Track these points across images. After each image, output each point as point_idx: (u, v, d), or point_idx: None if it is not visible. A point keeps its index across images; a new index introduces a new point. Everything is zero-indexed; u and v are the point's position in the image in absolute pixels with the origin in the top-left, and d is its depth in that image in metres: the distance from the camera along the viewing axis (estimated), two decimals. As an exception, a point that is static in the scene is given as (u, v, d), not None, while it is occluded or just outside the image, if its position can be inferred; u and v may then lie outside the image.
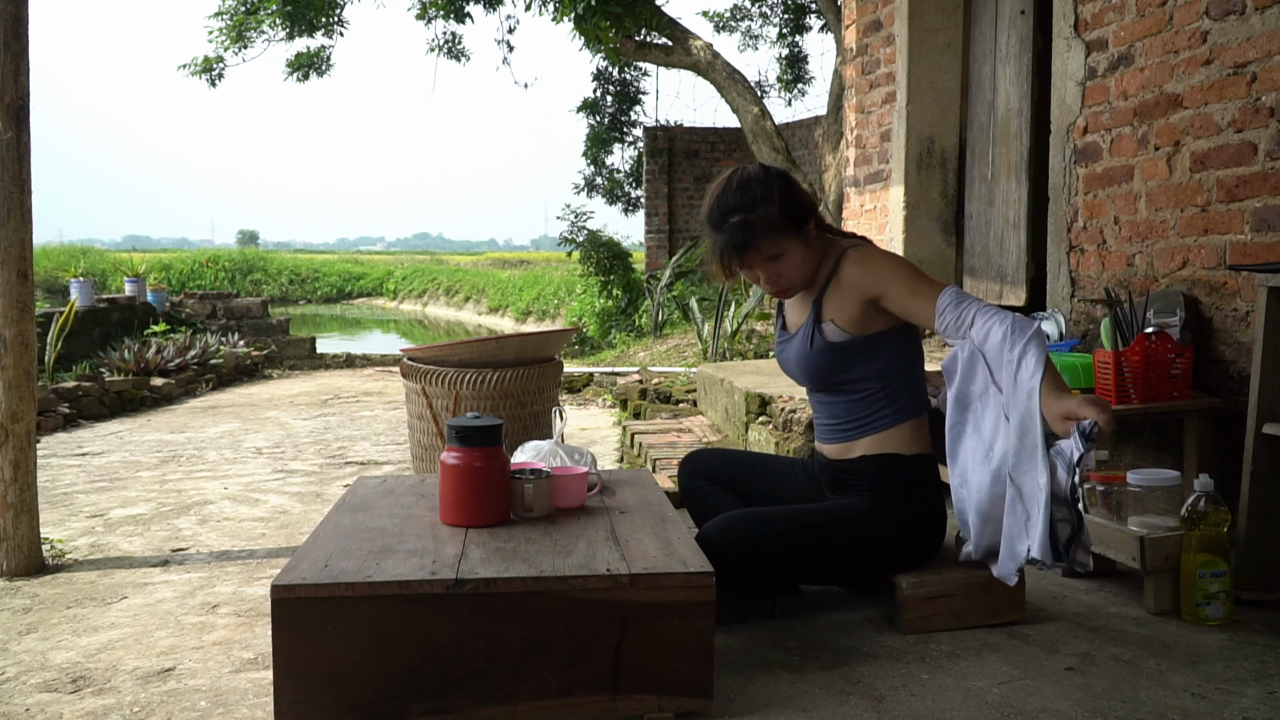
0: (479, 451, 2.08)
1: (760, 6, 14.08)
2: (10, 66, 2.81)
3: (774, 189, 2.22)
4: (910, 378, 2.30)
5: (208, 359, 7.86)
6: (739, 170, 2.27)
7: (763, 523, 2.22)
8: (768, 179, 2.23)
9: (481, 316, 22.21)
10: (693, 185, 12.90)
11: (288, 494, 3.95)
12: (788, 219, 2.21)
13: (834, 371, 2.27)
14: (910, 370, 2.30)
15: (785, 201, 2.21)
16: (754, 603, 2.30)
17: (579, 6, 8.96)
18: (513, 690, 1.79)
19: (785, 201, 2.21)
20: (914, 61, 4.78)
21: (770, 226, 2.20)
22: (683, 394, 5.58)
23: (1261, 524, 2.40)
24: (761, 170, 2.26)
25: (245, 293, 23.38)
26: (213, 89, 11.87)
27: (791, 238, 2.23)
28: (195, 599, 2.64)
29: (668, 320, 9.66)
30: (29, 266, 2.89)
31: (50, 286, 16.01)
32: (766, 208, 2.20)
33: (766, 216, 2.20)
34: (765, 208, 2.20)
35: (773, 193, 2.21)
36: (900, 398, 2.27)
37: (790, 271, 2.26)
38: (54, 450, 4.95)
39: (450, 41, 12.53)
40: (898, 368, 2.27)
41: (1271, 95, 2.74)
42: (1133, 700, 1.88)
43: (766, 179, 2.23)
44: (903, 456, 2.26)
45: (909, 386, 2.29)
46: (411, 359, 3.78)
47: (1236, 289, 2.88)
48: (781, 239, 2.22)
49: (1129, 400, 2.78)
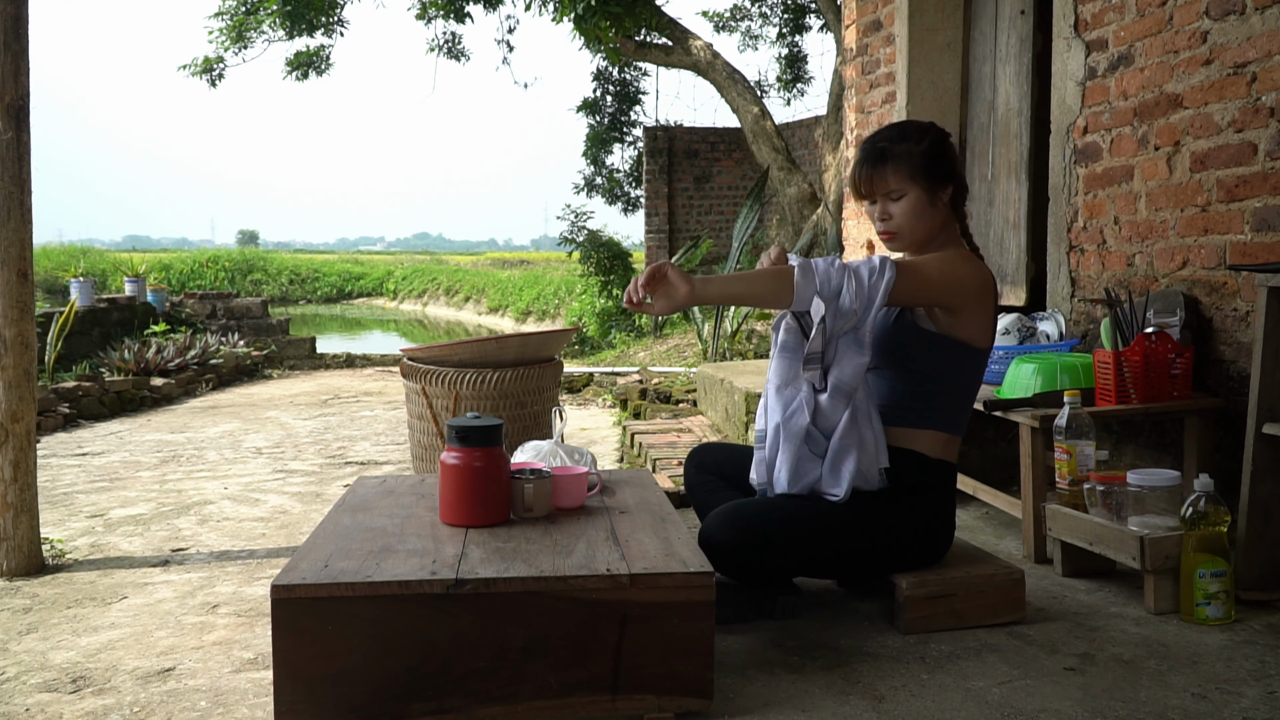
0: (479, 451, 2.08)
1: (760, 6, 14.07)
2: (10, 66, 2.81)
3: (927, 138, 2.28)
4: (961, 397, 2.29)
5: (208, 359, 7.86)
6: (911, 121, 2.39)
7: (767, 511, 2.21)
8: (925, 129, 2.31)
9: (481, 316, 22.21)
10: (693, 185, 12.90)
11: (288, 494, 3.95)
12: (924, 167, 2.27)
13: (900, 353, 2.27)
14: (963, 390, 2.29)
15: (931, 153, 2.27)
16: (754, 602, 2.30)
17: (579, 6, 8.96)
18: (513, 690, 1.79)
19: (931, 153, 2.27)
20: (914, 61, 4.78)
21: (904, 162, 2.26)
22: (683, 394, 5.58)
23: (1261, 524, 2.40)
24: (928, 124, 2.33)
25: (245, 293, 23.38)
26: (213, 89, 11.88)
27: (919, 186, 2.27)
28: (195, 599, 2.64)
29: (668, 320, 9.66)
30: (29, 266, 2.89)
31: (50, 286, 16.01)
32: (910, 146, 2.27)
33: (906, 153, 2.26)
34: (909, 145, 2.27)
35: (924, 140, 2.28)
36: (944, 409, 2.27)
37: (901, 217, 2.28)
38: (54, 450, 4.95)
39: (450, 41, 12.53)
40: (953, 381, 2.26)
41: (1271, 95, 2.74)
42: (1133, 700, 1.88)
43: (924, 129, 2.31)
44: (927, 459, 2.26)
45: (959, 405, 2.29)
46: (411, 359, 3.78)
47: (1236, 289, 2.88)
48: (908, 182, 2.26)
49: (1129, 400, 2.78)
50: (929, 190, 2.27)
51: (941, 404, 2.26)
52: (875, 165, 2.28)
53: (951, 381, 2.26)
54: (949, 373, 2.25)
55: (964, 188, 2.33)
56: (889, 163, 2.27)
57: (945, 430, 2.27)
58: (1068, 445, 2.59)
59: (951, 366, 2.25)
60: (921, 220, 2.28)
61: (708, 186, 12.95)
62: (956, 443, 2.30)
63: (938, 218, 2.29)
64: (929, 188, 2.27)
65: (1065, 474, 2.60)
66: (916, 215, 2.28)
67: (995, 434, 3.55)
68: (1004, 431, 3.52)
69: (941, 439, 2.27)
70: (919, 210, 2.27)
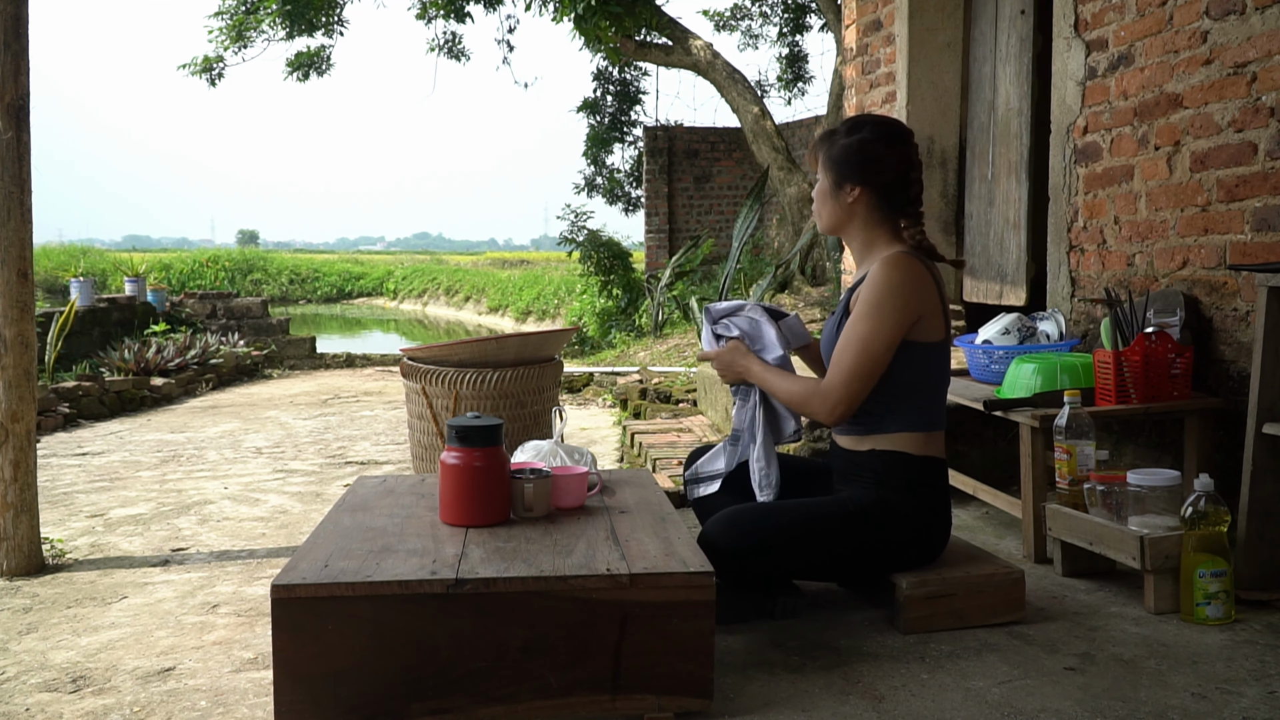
0: (479, 451, 2.08)
1: (760, 6, 14.08)
2: (10, 66, 2.81)
3: (856, 135, 2.31)
4: (928, 396, 2.29)
5: (208, 359, 7.85)
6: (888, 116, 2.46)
7: (766, 516, 2.22)
8: (861, 125, 2.34)
9: (481, 316, 22.20)
10: (693, 185, 12.90)
11: (288, 494, 3.95)
12: (836, 159, 2.33)
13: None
14: (928, 387, 2.29)
15: (849, 149, 2.31)
16: (754, 602, 2.30)
17: (579, 6, 8.96)
18: (513, 690, 1.79)
19: (849, 149, 2.31)
20: (914, 61, 4.78)
21: (824, 150, 2.36)
22: (683, 394, 5.58)
23: (1261, 524, 2.40)
24: (880, 124, 2.35)
25: (245, 293, 23.37)
26: (213, 89, 11.88)
27: (828, 176, 2.35)
28: (195, 599, 2.64)
29: (668, 320, 9.66)
30: (29, 266, 2.89)
31: (50, 286, 16.02)
32: (839, 137, 2.34)
33: (831, 146, 2.35)
34: (840, 136, 2.34)
35: (852, 135, 2.31)
36: (915, 410, 2.27)
37: (818, 202, 2.40)
38: (54, 450, 4.95)
39: (450, 41, 12.54)
40: (917, 380, 2.26)
41: (1271, 95, 2.74)
42: (1133, 700, 1.88)
43: (861, 124, 2.33)
44: (913, 456, 2.26)
45: (926, 402, 2.29)
46: (412, 359, 3.78)
47: (1236, 289, 2.88)
48: (822, 169, 2.36)
49: (1129, 400, 2.78)
50: (835, 183, 2.34)
51: (914, 404, 2.27)
52: (813, 147, 2.42)
53: (918, 381, 2.26)
54: (913, 374, 2.25)
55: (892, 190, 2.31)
56: (822, 145, 2.38)
57: (924, 429, 2.28)
58: (1068, 445, 2.59)
59: (914, 367, 2.25)
60: (825, 207, 2.37)
61: (708, 186, 12.95)
62: (939, 437, 2.31)
63: (842, 212, 2.34)
64: (836, 181, 2.33)
65: (1065, 474, 2.60)
66: (820, 201, 2.38)
67: (995, 434, 3.55)
68: (1004, 431, 3.52)
69: (921, 437, 2.27)
70: (822, 197, 2.37)
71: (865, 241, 2.34)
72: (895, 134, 2.32)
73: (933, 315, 2.24)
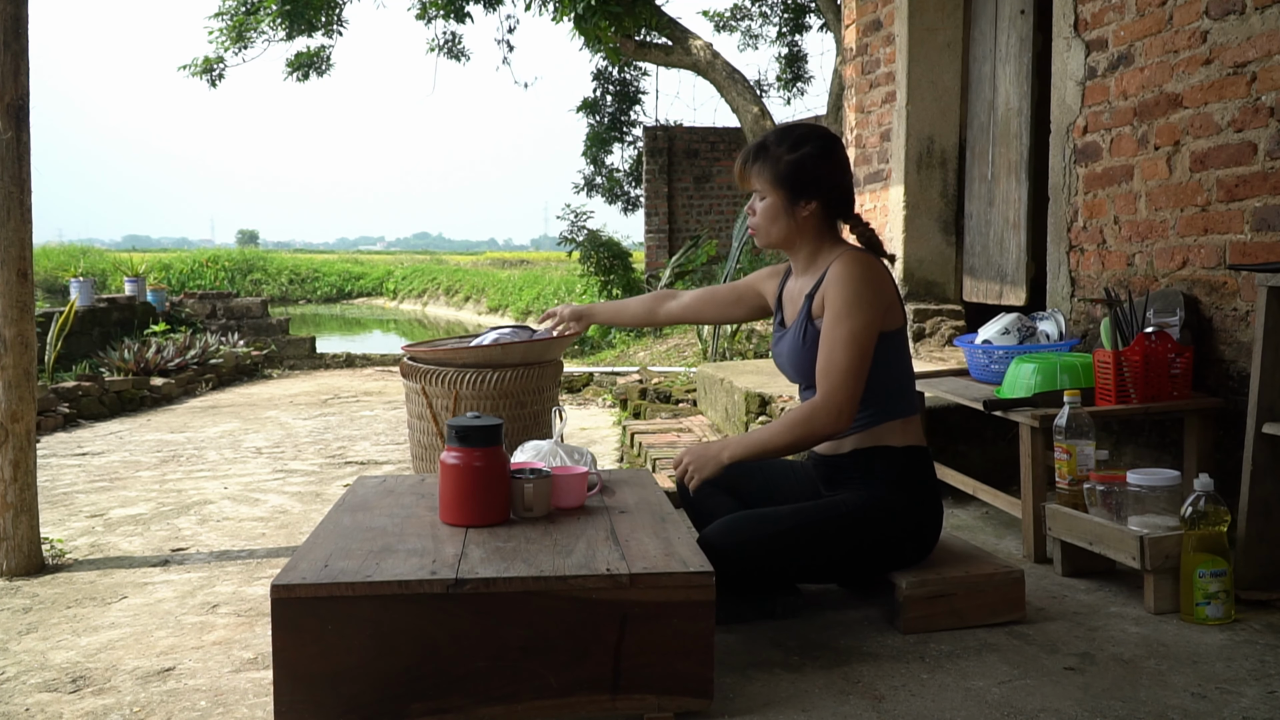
0: (479, 451, 2.08)
1: (760, 6, 14.08)
2: (10, 66, 2.81)
3: (802, 148, 2.28)
4: (898, 381, 2.31)
5: (208, 359, 7.85)
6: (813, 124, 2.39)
7: (764, 523, 2.22)
8: (808, 138, 2.30)
9: (481, 316, 22.19)
10: (692, 185, 12.91)
11: (288, 494, 3.95)
12: (785, 177, 2.28)
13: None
14: (897, 374, 2.31)
15: (797, 164, 2.27)
16: (754, 603, 2.30)
17: (579, 6, 8.96)
18: (513, 690, 1.79)
19: (797, 164, 2.27)
20: (914, 61, 4.78)
21: (768, 167, 2.29)
22: (683, 394, 5.57)
23: (1261, 524, 2.40)
24: (815, 132, 2.32)
25: (245, 292, 23.36)
26: (213, 89, 11.88)
27: (778, 194, 2.29)
28: (195, 599, 2.64)
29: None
30: (29, 266, 2.89)
31: (50, 286, 16.01)
32: (782, 152, 2.28)
33: (774, 158, 2.29)
34: (782, 151, 2.28)
35: (799, 149, 2.27)
36: (887, 399, 2.28)
37: (760, 217, 2.34)
38: (54, 450, 4.95)
39: (450, 41, 12.53)
40: (881, 371, 2.26)
41: (1271, 95, 2.74)
42: (1132, 700, 1.88)
43: (807, 137, 2.30)
44: (894, 449, 2.28)
45: (897, 388, 2.30)
46: (412, 359, 3.78)
47: (1236, 289, 2.88)
48: (769, 187, 2.30)
49: (1129, 400, 2.78)
50: (788, 200, 2.29)
51: (884, 394, 2.28)
52: (746, 162, 2.34)
53: (884, 372, 2.27)
54: (884, 362, 2.26)
55: (841, 199, 2.32)
56: (757, 162, 2.31)
57: (899, 416, 2.29)
58: (1068, 445, 2.59)
59: (884, 355, 2.26)
60: (776, 225, 2.32)
61: (708, 186, 12.95)
62: (916, 422, 2.33)
63: (795, 227, 2.32)
64: (789, 198, 2.29)
65: (1065, 474, 2.60)
66: (771, 220, 2.32)
67: (995, 434, 3.55)
68: (1004, 431, 3.52)
69: (898, 425, 2.29)
70: (774, 216, 2.32)
71: (814, 250, 2.34)
72: (834, 142, 2.33)
73: (895, 303, 2.29)
